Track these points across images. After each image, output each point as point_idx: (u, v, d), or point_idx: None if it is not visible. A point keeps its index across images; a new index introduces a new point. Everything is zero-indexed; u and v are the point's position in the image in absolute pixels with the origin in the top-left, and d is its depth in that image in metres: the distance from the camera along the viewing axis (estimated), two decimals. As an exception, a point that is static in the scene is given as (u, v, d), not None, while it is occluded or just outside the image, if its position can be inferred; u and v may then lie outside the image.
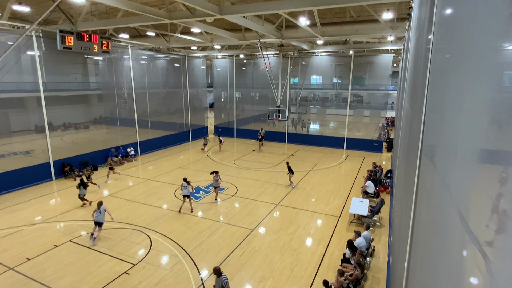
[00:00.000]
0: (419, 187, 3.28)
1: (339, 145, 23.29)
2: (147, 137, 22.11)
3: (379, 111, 30.88)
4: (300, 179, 15.81)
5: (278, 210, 12.18)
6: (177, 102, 26.59)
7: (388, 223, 11.02)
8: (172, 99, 27.44)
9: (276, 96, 21.66)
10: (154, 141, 22.15)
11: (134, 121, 20.44)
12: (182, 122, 25.93)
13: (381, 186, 14.32)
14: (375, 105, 34.95)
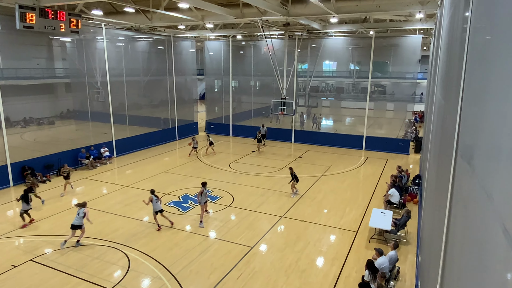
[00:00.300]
0: (454, 195, 3.28)
1: (356, 145, 23.34)
2: (125, 135, 22.17)
3: (405, 104, 30.92)
4: (310, 186, 15.85)
5: (283, 223, 12.21)
6: (161, 93, 26.63)
7: (416, 239, 11.02)
8: (155, 89, 27.48)
9: (281, 86, 21.68)
10: (133, 140, 22.19)
11: (109, 116, 20.47)
12: (167, 117, 26.00)
13: (407, 195, 14.34)
14: (400, 96, 35.00)
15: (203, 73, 30.59)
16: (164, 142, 24.60)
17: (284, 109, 21.19)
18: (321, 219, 12.53)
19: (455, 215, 3.19)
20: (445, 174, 4.14)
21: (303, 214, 12.86)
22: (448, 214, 3.40)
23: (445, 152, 4.62)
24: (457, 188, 3.15)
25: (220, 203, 13.83)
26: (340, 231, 11.64)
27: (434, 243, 4.93)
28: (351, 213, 13.06)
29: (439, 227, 4.04)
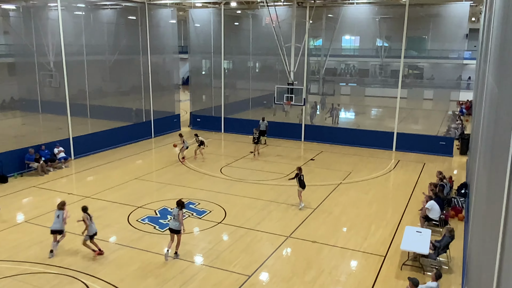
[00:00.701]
0: (511, 212, 3.26)
1: (385, 144, 23.37)
2: (85, 130, 22.12)
3: (448, 92, 31.00)
4: (325, 198, 15.84)
5: (290, 245, 12.17)
6: (132, 77, 26.60)
7: (462, 266, 11.01)
8: (124, 72, 27.46)
9: (288, 68, 21.67)
10: (96, 138, 22.20)
11: (65, 106, 20.47)
12: (140, 108, 26.00)
13: (450, 209, 14.34)
14: (442, 82, 35.04)
15: (187, 51, 30.55)
16: (137, 140, 24.61)
17: (292, 98, 21.18)
18: (339, 240, 12.50)
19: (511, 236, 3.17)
20: (499, 183, 4.12)
21: (315, 234, 12.81)
22: (502, 235, 3.38)
23: (498, 154, 4.60)
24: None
25: (208, 219, 13.78)
26: (363, 256, 11.58)
27: (485, 272, 4.91)
28: (377, 232, 13.02)
29: (491, 251, 4.03)
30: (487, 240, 4.90)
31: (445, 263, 11.05)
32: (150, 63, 25.40)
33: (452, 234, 11.11)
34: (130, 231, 12.83)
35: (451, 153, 22.31)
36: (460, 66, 30.67)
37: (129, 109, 26.42)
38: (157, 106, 26.16)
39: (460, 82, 33.51)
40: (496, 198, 4.58)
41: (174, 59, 30.41)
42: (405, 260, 11.09)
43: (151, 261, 11.05)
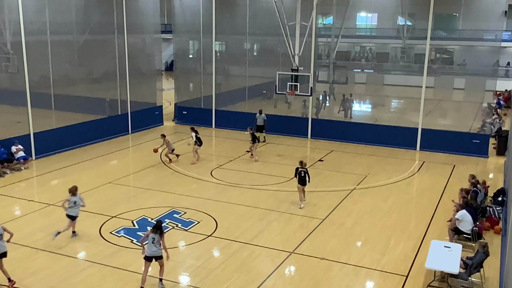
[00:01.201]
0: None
1: (407, 142, 23.39)
2: (50, 125, 21.98)
3: (483, 80, 31.09)
4: (335, 206, 15.84)
5: (293, 262, 12.13)
6: (105, 61, 26.50)
7: (499, 287, 11.02)
8: (96, 55, 27.32)
9: (292, 51, 21.63)
10: (62, 134, 22.14)
11: (25, 96, 20.38)
12: (115, 98, 25.92)
13: (485, 220, 14.34)
14: (475, 68, 35.05)
15: (171, 31, 30.47)
16: (111, 136, 24.55)
17: (297, 87, 21.12)
18: (352, 256, 12.49)
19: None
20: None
21: (324, 249, 12.79)
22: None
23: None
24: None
25: (196, 231, 13.74)
26: (381, 275, 11.57)
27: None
28: (397, 247, 13.01)
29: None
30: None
31: (479, 285, 11.05)
32: (127, 44, 25.31)
33: (486, 249, 11.11)
34: (103, 245, 12.73)
35: (486, 153, 22.34)
36: (497, 50, 30.77)
37: (101, 100, 26.28)
38: (135, 96, 26.05)
39: (497, 69, 33.60)
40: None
41: (156, 40, 30.28)
42: (431, 280, 11.09)
43: (128, 281, 10.97)
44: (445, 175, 19.40)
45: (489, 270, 11.57)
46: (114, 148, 22.88)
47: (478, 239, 12.75)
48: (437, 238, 12.80)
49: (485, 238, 13.00)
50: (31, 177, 18.63)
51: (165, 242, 10.77)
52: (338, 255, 12.52)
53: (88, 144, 23.11)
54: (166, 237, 13.16)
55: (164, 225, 13.95)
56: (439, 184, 18.26)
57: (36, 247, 12.66)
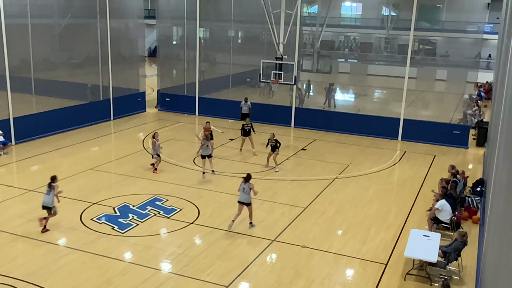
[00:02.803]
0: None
1: (389, 132, 23.60)
2: (30, 110, 21.75)
3: (464, 72, 31.43)
4: (317, 195, 15.95)
5: (275, 250, 12.22)
6: (87, 45, 26.16)
7: (475, 277, 11.25)
8: (78, 39, 26.96)
9: (276, 40, 21.59)
10: (42, 119, 21.89)
11: (4, 80, 20.06)
12: (97, 84, 25.67)
13: (463, 210, 14.58)
14: (457, 60, 35.42)
15: (155, 16, 30.12)
16: (92, 122, 24.32)
17: (281, 76, 21.13)
18: (333, 244, 12.61)
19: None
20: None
21: (305, 237, 12.89)
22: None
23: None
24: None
25: (178, 219, 13.73)
26: (361, 263, 11.71)
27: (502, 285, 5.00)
28: (378, 236, 13.16)
29: (508, 261, 4.11)
30: (505, 246, 5.00)
31: (456, 273, 11.26)
32: (110, 29, 25.02)
33: (465, 239, 11.31)
34: (84, 232, 12.68)
35: (466, 144, 22.66)
36: (479, 42, 31.09)
37: (83, 85, 26.01)
38: (117, 82, 25.82)
39: (479, 61, 33.99)
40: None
41: (139, 25, 29.97)
42: (410, 268, 11.25)
43: (109, 268, 10.96)
44: (426, 165, 19.65)
45: (467, 259, 11.79)
46: (96, 134, 22.66)
47: (456, 229, 12.96)
48: (416, 228, 13.00)
49: (463, 228, 13.21)
50: (11, 163, 18.39)
51: (254, 190, 13.03)
52: (320, 243, 12.62)
53: (69, 130, 22.87)
54: (147, 224, 13.34)
55: (145, 212, 14.08)
56: (420, 174, 18.49)
57: (15, 233, 12.56)
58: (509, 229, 5.13)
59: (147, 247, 12.08)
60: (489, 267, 8.51)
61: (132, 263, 11.30)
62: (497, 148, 9.48)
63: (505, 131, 8.23)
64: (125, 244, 12.22)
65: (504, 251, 5.29)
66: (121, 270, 10.92)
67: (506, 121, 8.58)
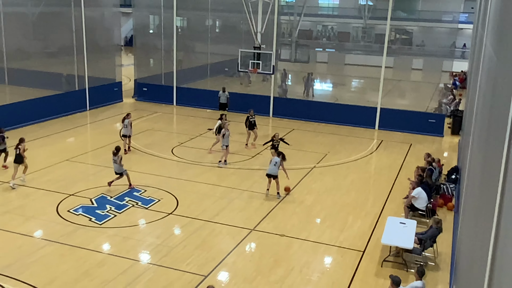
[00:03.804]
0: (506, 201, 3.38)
1: (367, 121, 23.81)
2: (3, 100, 21.43)
3: (440, 61, 31.82)
4: (296, 184, 16.03)
5: (254, 239, 12.30)
6: (62, 34, 25.71)
7: (450, 263, 11.49)
8: (52, 28, 26.48)
9: (254, 29, 21.49)
10: (16, 109, 21.46)
11: (-24, 69, 19.56)
12: (72, 74, 25.29)
13: (438, 197, 14.84)
14: (433, 49, 35.85)
15: (131, 5, 29.67)
16: (68, 113, 23.95)
17: (259, 65, 21.08)
18: (311, 233, 12.74)
19: (506, 229, 3.30)
20: (494, 167, 4.27)
21: (284, 226, 12.97)
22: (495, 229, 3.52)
23: (495, 134, 4.76)
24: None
25: (156, 210, 13.70)
26: (339, 251, 11.86)
27: (478, 269, 5.11)
28: (355, 224, 13.34)
29: (483, 247, 4.19)
30: (480, 233, 5.10)
31: (432, 259, 11.50)
32: (84, 17, 24.61)
33: (439, 226, 11.53)
34: (61, 224, 12.59)
35: (441, 132, 23.02)
36: (454, 31, 31.51)
37: (58, 75, 25.60)
38: (93, 71, 25.47)
39: (454, 50, 34.47)
40: (491, 185, 4.75)
41: (115, 14, 29.56)
42: (387, 255, 11.44)
43: (87, 260, 10.92)
44: (402, 154, 19.90)
45: (442, 245, 12.03)
46: (72, 125, 22.32)
47: (432, 216, 13.18)
48: (393, 215, 13.17)
49: (438, 215, 13.46)
50: (-16, 154, 18.03)
51: (284, 166, 14.59)
52: (298, 232, 12.73)
53: (44, 120, 22.49)
54: (125, 215, 13.27)
55: (123, 203, 13.99)
56: (396, 163, 18.73)
57: (-10, 226, 12.36)
58: (483, 216, 5.24)
59: (125, 238, 12.04)
60: (463, 253, 8.70)
61: (110, 254, 11.25)
62: (472, 136, 9.64)
63: (479, 118, 8.38)
64: (103, 236, 12.17)
65: (478, 237, 5.41)
66: (99, 262, 10.90)
67: (480, 109, 8.73)
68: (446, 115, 24.67)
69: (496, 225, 3.53)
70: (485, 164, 5.72)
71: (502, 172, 3.55)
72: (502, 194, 3.53)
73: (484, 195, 5.43)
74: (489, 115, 5.90)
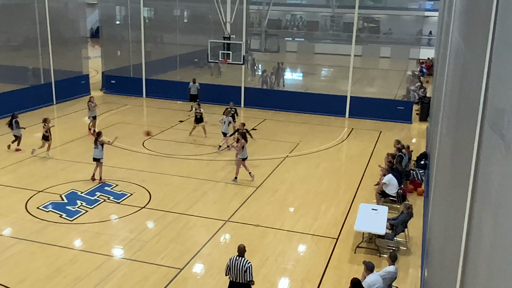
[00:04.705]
0: (479, 184, 3.44)
1: (337, 110, 24.02)
2: (-36, 96, 20.70)
3: (407, 48, 32.19)
4: (269, 174, 16.11)
5: (229, 230, 12.31)
6: (25, 26, 25.08)
7: (421, 247, 11.75)
8: (14, 20, 25.76)
9: (223, 19, 21.34)
10: (-21, 105, 20.81)
11: None
12: (37, 67, 24.75)
13: (408, 183, 15.12)
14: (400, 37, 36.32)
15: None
16: (34, 107, 23.42)
17: (229, 55, 20.97)
18: (285, 222, 12.81)
19: (480, 212, 3.37)
20: (465, 152, 4.34)
21: (258, 216, 13.03)
22: (469, 211, 3.59)
23: (465, 119, 4.84)
24: (484, 174, 3.30)
25: (129, 204, 13.57)
26: (313, 239, 11.98)
27: (448, 253, 5.23)
28: (328, 212, 13.48)
29: (456, 229, 4.27)
30: (451, 216, 5.20)
31: (403, 244, 11.72)
32: (48, 9, 24.10)
33: (410, 211, 11.76)
34: (30, 221, 12.36)
35: (410, 119, 23.44)
36: (421, 19, 31.93)
37: (23, 68, 25.02)
38: (59, 64, 25.03)
39: (420, 38, 35.00)
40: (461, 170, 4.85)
41: (80, 5, 29.01)
42: (360, 242, 11.61)
43: (59, 257, 10.76)
44: (372, 141, 20.18)
45: (413, 230, 12.27)
46: (38, 120, 21.61)
47: (403, 201, 13.42)
48: (365, 202, 13.37)
49: (409, 200, 13.73)
50: None
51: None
52: (273, 221, 12.78)
53: (8, 115, 21.87)
54: (97, 211, 13.11)
55: (95, 198, 13.79)
56: (367, 150, 18.98)
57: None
58: (453, 200, 5.34)
59: (98, 234, 11.88)
60: (434, 237, 8.89)
61: (83, 250, 11.11)
62: (440, 122, 9.83)
63: (448, 105, 8.53)
64: (75, 232, 12.01)
65: (450, 222, 5.52)
66: (72, 258, 10.75)
67: (448, 95, 8.89)
68: (414, 102, 25.09)
69: (469, 209, 3.60)
70: (455, 150, 5.82)
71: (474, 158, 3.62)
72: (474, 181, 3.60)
73: (454, 180, 5.55)
74: (458, 101, 6.01)
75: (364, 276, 9.12)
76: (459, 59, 6.58)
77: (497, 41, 3.21)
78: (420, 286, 10.18)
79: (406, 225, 11.72)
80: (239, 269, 8.48)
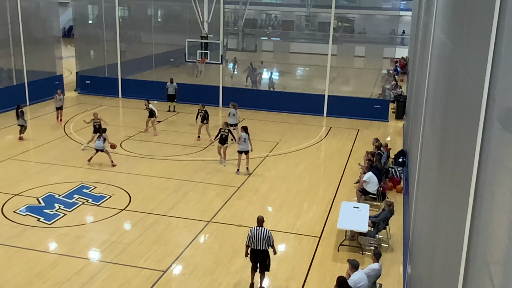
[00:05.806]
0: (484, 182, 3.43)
1: (315, 109, 24.13)
2: None
3: (381, 48, 32.61)
4: (250, 174, 16.05)
5: (211, 231, 12.25)
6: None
7: (402, 243, 11.87)
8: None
9: (200, 18, 21.19)
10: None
11: None
12: (10, 67, 24.24)
13: (388, 180, 15.30)
14: (374, 36, 36.72)
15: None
16: (6, 109, 22.81)
17: (207, 55, 20.85)
18: (268, 221, 12.68)
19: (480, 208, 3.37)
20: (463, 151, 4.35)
21: (241, 216, 12.99)
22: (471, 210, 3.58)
23: (458, 118, 4.86)
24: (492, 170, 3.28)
25: (108, 206, 13.38)
26: (296, 238, 11.99)
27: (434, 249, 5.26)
28: (310, 210, 13.53)
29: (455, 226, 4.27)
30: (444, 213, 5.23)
31: (385, 241, 11.84)
32: (20, 8, 23.57)
33: (391, 208, 11.89)
34: (7, 226, 12.09)
35: (386, 117, 23.70)
36: (395, 18, 32.33)
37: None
38: (31, 64, 24.53)
39: (394, 37, 35.46)
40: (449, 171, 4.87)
41: (52, 4, 28.48)
42: (342, 240, 11.68)
43: (38, 262, 10.54)
44: (351, 139, 20.34)
45: (394, 227, 12.41)
46: (11, 121, 21.18)
47: (383, 199, 13.59)
48: (346, 199, 13.49)
49: (389, 197, 13.89)
50: None
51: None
52: (255, 221, 12.70)
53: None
54: (76, 214, 12.86)
55: (73, 201, 13.54)
56: (346, 148, 19.12)
57: None
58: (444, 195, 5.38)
59: (78, 237, 11.67)
60: (417, 233, 8.97)
61: (63, 254, 10.88)
62: (422, 121, 9.92)
63: (431, 103, 8.61)
64: (53, 236, 11.77)
65: (439, 219, 5.56)
66: (52, 263, 10.54)
67: (431, 93, 8.98)
68: (390, 100, 25.38)
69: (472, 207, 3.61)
70: (443, 148, 5.86)
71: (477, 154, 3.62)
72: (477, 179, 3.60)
73: (442, 179, 5.58)
74: (447, 97, 6.05)
75: (349, 274, 9.17)
76: (445, 57, 6.64)
77: (505, 37, 3.20)
78: (403, 282, 10.28)
79: (388, 222, 11.84)
80: (261, 237, 9.45)
